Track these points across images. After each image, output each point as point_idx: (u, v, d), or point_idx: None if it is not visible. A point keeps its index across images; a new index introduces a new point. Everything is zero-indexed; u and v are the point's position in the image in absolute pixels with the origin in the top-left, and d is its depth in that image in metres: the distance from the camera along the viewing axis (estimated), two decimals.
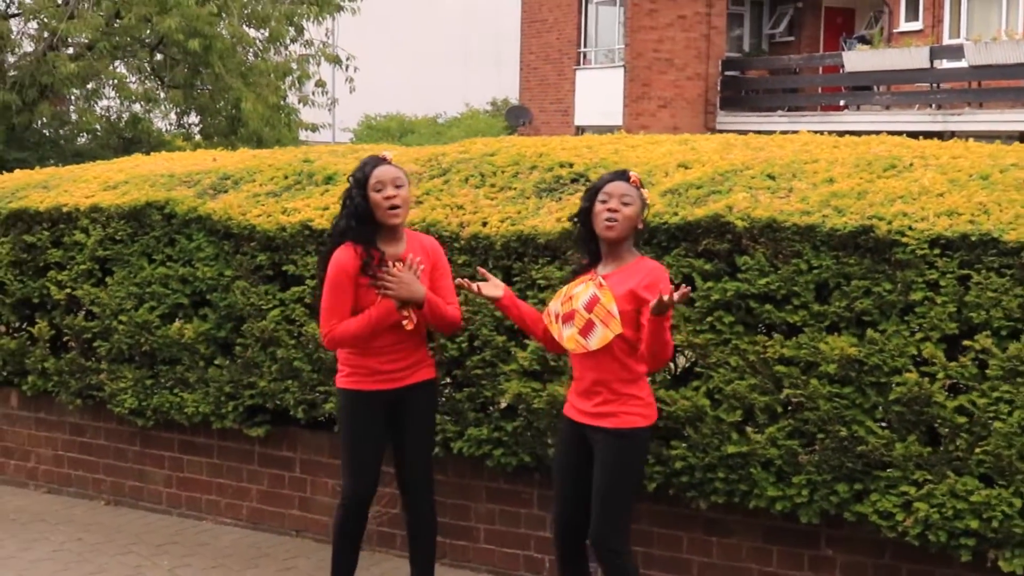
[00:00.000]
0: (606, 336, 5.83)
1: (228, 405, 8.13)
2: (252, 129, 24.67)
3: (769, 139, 7.68)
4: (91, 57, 23.80)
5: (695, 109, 36.19)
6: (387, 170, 6.42)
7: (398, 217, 6.39)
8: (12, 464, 9.50)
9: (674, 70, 36.06)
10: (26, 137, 24.38)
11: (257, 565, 7.73)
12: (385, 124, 48.67)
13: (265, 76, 25.84)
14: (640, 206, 5.95)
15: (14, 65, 24.27)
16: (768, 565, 6.78)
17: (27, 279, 8.89)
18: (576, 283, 6.01)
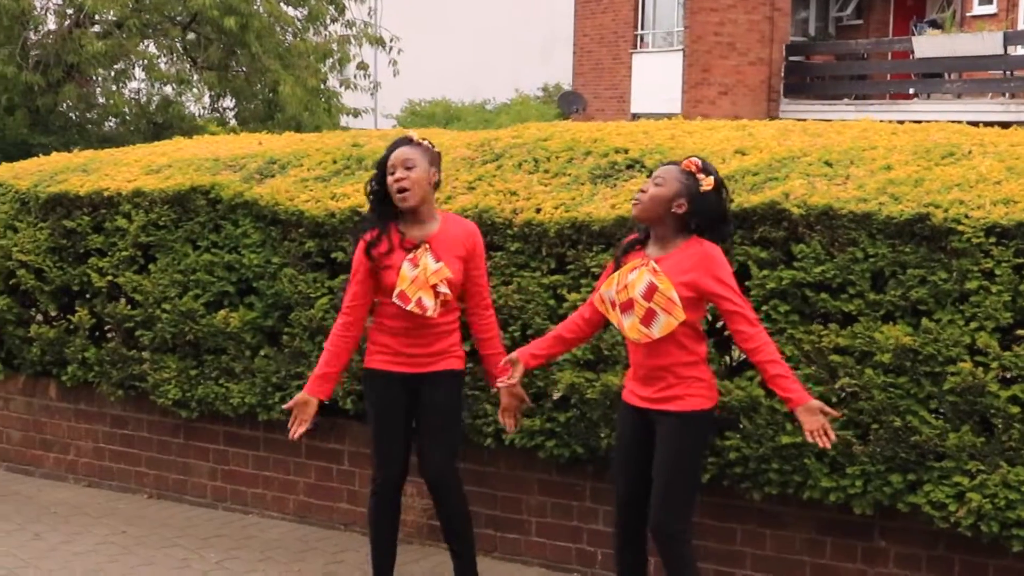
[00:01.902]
0: (670, 323, 6.30)
1: (275, 396, 8.68)
2: (290, 114, 25.10)
3: (828, 125, 8.19)
4: (119, 35, 24.33)
5: (757, 96, 36.46)
6: (400, 151, 6.91)
7: (407, 200, 6.87)
8: (51, 457, 10.11)
9: (736, 54, 36.35)
10: (51, 121, 24.92)
11: (304, 559, 8.29)
12: (430, 110, 49.16)
13: (304, 58, 26.26)
14: (677, 189, 6.36)
15: (37, 43, 24.79)
16: (821, 557, 7.28)
17: (67, 266, 9.49)
18: (629, 268, 6.45)
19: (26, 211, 9.71)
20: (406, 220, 6.97)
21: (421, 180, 6.90)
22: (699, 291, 6.33)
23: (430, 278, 6.85)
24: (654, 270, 6.34)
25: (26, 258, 9.63)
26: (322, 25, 27.36)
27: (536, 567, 8.09)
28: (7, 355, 10.16)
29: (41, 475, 10.15)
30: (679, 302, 6.28)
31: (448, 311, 7.03)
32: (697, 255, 6.37)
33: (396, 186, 6.86)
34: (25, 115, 24.14)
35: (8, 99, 24.07)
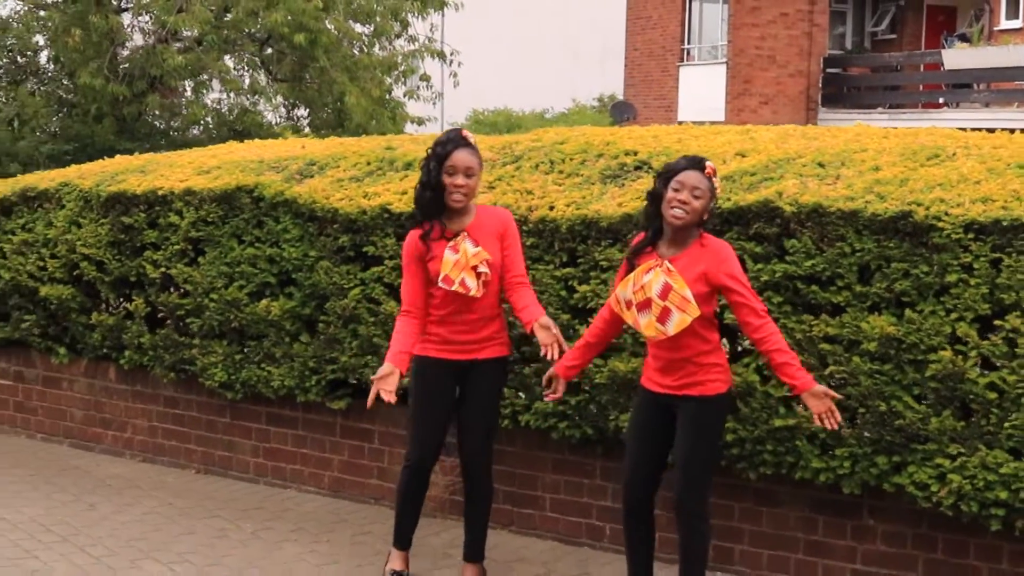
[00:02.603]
0: (684, 320, 6.23)
1: (312, 379, 8.66)
2: (357, 122, 25.19)
3: (824, 129, 8.11)
4: (199, 51, 24.49)
5: (796, 106, 36.31)
6: (463, 157, 6.83)
7: (459, 203, 6.85)
8: (110, 434, 10.11)
9: (776, 67, 36.20)
10: (136, 128, 25.08)
11: (334, 530, 8.25)
12: (492, 119, 49.20)
13: (369, 70, 26.36)
14: (710, 198, 6.31)
15: (127, 58, 25.00)
16: (814, 534, 7.18)
17: (125, 258, 9.49)
18: (644, 269, 6.36)
19: (89, 208, 9.71)
20: (449, 212, 6.92)
21: (476, 187, 6.94)
22: (711, 285, 6.28)
23: (471, 260, 6.82)
24: (668, 270, 6.27)
25: (88, 251, 9.64)
26: (387, 40, 27.39)
27: (550, 540, 8.02)
28: (71, 340, 10.17)
29: (100, 451, 10.16)
30: (693, 299, 6.22)
31: (490, 295, 6.95)
32: (709, 251, 6.31)
33: (456, 191, 6.82)
34: (112, 123, 24.31)
35: (97, 108, 24.27)
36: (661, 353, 6.44)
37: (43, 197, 10.09)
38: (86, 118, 24.44)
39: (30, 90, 24.49)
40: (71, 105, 25.17)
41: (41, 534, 8.11)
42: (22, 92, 23.92)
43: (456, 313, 6.93)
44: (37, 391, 10.55)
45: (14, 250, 10.17)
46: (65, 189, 9.94)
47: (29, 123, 23.63)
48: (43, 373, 10.47)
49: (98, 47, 23.71)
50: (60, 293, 9.87)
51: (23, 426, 10.69)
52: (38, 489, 9.12)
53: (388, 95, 27.60)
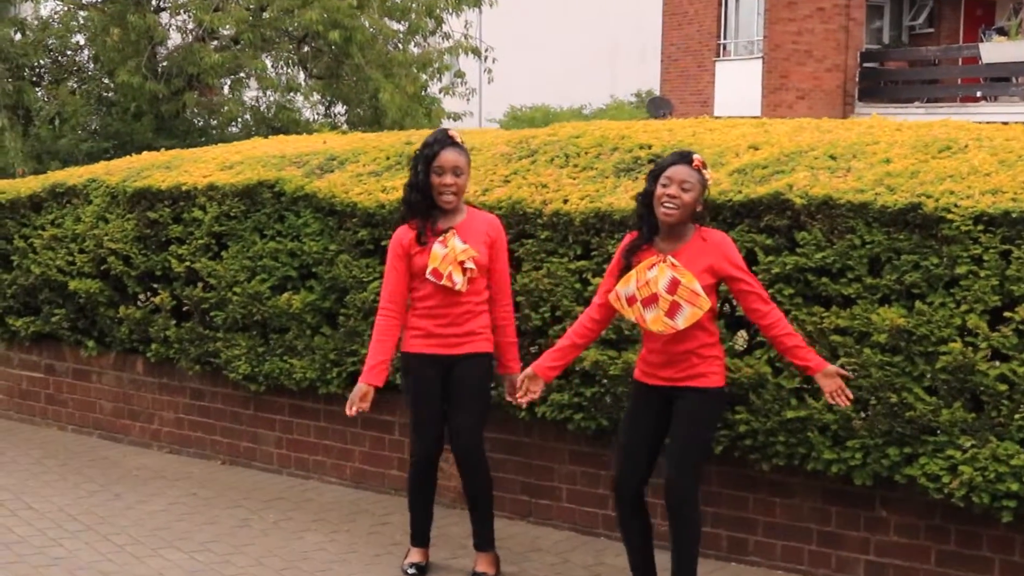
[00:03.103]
0: (695, 314, 6.23)
1: (333, 371, 8.66)
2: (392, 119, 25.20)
3: (839, 122, 8.04)
4: (236, 49, 24.55)
5: (833, 100, 36.08)
6: (451, 156, 6.91)
7: (450, 203, 6.92)
8: (137, 426, 10.15)
9: (812, 61, 35.96)
10: (175, 126, 25.15)
11: (354, 520, 8.26)
12: (530, 115, 49.11)
13: (404, 67, 26.36)
14: (700, 190, 6.30)
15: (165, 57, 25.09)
16: (827, 525, 7.13)
17: (150, 253, 9.52)
18: (646, 265, 6.34)
19: (116, 204, 9.76)
20: (439, 211, 6.99)
21: (465, 185, 7.03)
22: (717, 276, 6.29)
23: (459, 255, 6.88)
24: (673, 265, 6.26)
25: (116, 246, 9.69)
26: (423, 37, 27.38)
27: (566, 531, 8.01)
28: (99, 334, 10.21)
29: (128, 442, 10.21)
30: (702, 292, 6.21)
31: (475, 291, 7.02)
32: (710, 244, 6.33)
33: (445, 190, 6.90)
34: (151, 121, 24.34)
35: (136, 106, 24.31)
36: (664, 347, 6.41)
37: (71, 193, 10.14)
38: (125, 116, 24.47)
39: (70, 89, 24.55)
40: (110, 103, 25.20)
41: (67, 523, 8.16)
42: (63, 91, 23.98)
43: (440, 306, 6.99)
44: (67, 384, 10.61)
45: (44, 245, 10.23)
46: (92, 185, 9.99)
47: (69, 121, 23.68)
48: (73, 366, 10.53)
49: (136, 46, 23.74)
50: (88, 287, 9.92)
51: (54, 418, 10.75)
52: (66, 479, 9.18)
53: (423, 92, 27.56)
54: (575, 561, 7.52)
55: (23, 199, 10.46)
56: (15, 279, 10.53)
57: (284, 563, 7.48)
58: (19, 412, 11.03)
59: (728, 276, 6.29)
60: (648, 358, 6.54)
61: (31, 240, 10.38)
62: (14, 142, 20.49)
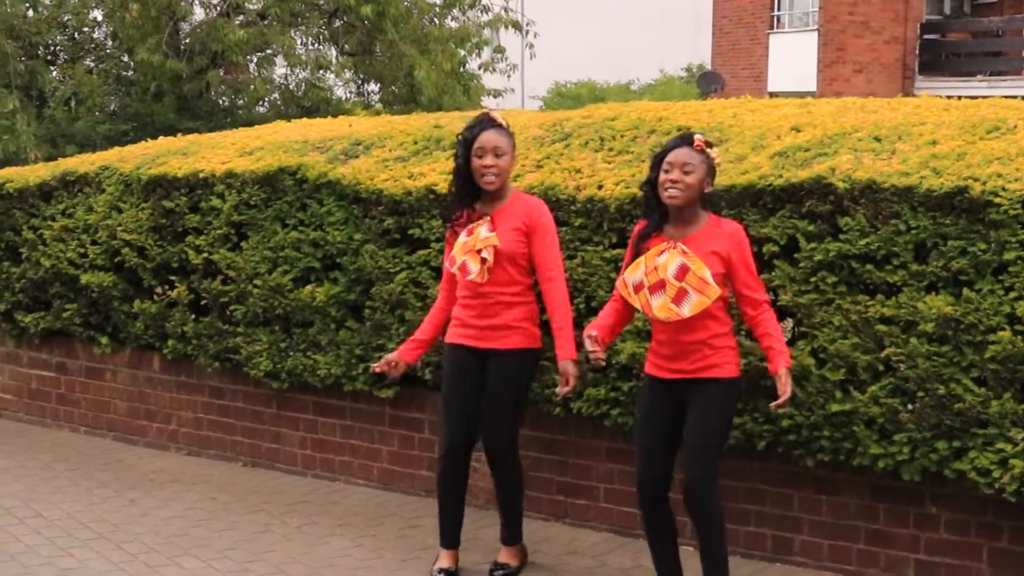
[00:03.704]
0: (702, 302, 6.48)
1: (358, 367, 8.92)
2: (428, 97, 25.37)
3: (884, 102, 8.24)
4: (263, 25, 24.79)
5: (892, 74, 36.07)
6: (490, 137, 7.20)
7: (492, 184, 7.20)
8: (154, 427, 10.45)
9: (870, 33, 35.99)
10: (198, 106, 25.44)
11: (382, 523, 8.52)
12: (575, 91, 49.24)
13: (441, 43, 26.53)
14: (705, 171, 6.58)
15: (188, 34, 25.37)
16: (875, 522, 7.35)
17: (166, 244, 9.81)
18: (656, 251, 6.62)
19: (129, 192, 10.05)
20: (484, 196, 7.30)
21: (508, 167, 7.29)
22: (728, 266, 6.54)
23: (477, 244, 7.16)
24: (683, 251, 6.52)
25: (130, 237, 9.97)
26: (460, 11, 27.58)
27: (604, 532, 8.25)
28: (113, 330, 10.50)
29: (144, 444, 10.50)
30: (712, 280, 6.46)
31: (504, 282, 7.25)
32: (726, 233, 6.60)
33: (485, 172, 7.19)
34: (173, 101, 24.65)
35: (157, 86, 24.62)
36: (673, 337, 6.66)
37: (83, 181, 10.45)
38: (145, 96, 24.82)
39: (87, 68, 24.86)
40: (129, 83, 25.56)
41: (78, 531, 8.41)
42: (79, 70, 24.29)
43: (469, 296, 7.30)
44: (80, 383, 10.92)
45: (54, 236, 10.53)
46: (105, 173, 10.29)
47: (86, 103, 24.00)
48: (86, 364, 10.83)
49: (157, 22, 24.05)
50: (101, 280, 10.22)
51: (66, 419, 11.06)
52: (78, 485, 9.45)
53: (461, 68, 27.75)
54: (612, 564, 7.77)
55: (32, 188, 10.76)
56: (24, 272, 10.84)
57: (307, 570, 7.73)
58: (29, 413, 11.35)
59: (734, 271, 6.56)
60: (659, 350, 6.79)
61: (40, 231, 10.68)
62: (26, 125, 20.78)
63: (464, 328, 7.35)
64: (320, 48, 26.97)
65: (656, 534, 6.97)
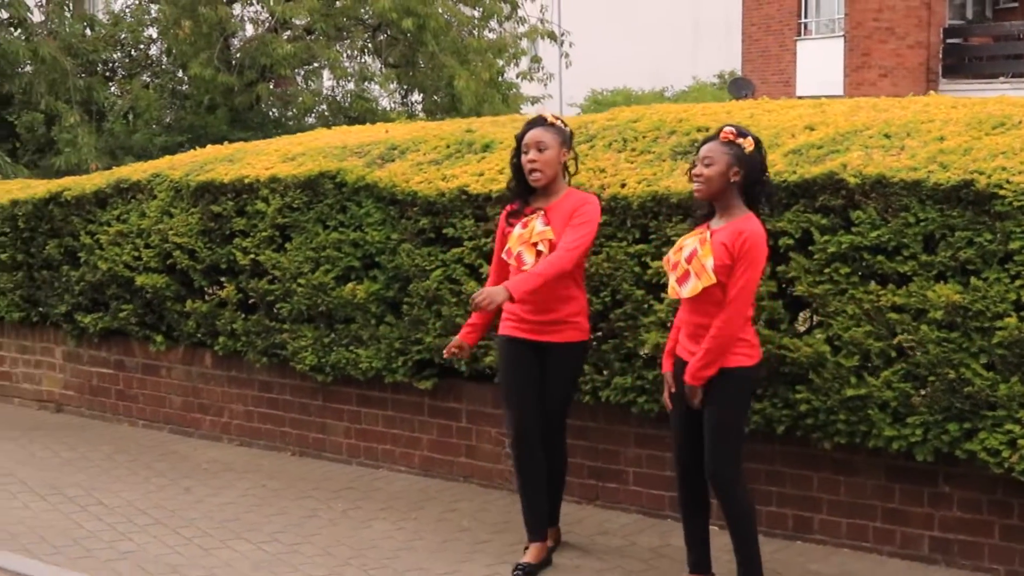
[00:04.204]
0: (696, 287, 6.45)
1: (398, 360, 8.94)
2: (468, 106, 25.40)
3: (895, 101, 8.19)
4: (309, 40, 24.87)
5: (916, 78, 35.86)
6: (533, 133, 7.18)
7: (538, 180, 7.15)
8: (208, 420, 10.49)
9: (895, 39, 35.77)
10: (249, 118, 25.52)
11: (422, 507, 8.53)
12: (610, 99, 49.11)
13: (480, 54, 26.55)
14: (729, 162, 6.46)
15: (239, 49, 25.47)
16: (891, 502, 7.31)
17: (215, 246, 9.84)
18: (690, 235, 6.65)
19: (179, 198, 10.08)
20: (536, 193, 7.27)
21: (552, 161, 7.18)
22: (734, 262, 6.41)
23: (533, 237, 7.09)
24: (703, 239, 6.49)
25: (181, 240, 10.01)
26: (497, 22, 27.61)
27: (634, 514, 8.23)
28: (167, 328, 10.53)
29: (199, 436, 10.55)
30: (710, 270, 6.39)
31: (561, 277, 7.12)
32: (742, 231, 6.44)
33: (528, 167, 7.16)
34: (226, 114, 24.73)
35: (210, 99, 24.73)
36: (687, 317, 6.64)
37: (136, 188, 10.48)
38: (199, 109, 24.92)
39: (143, 83, 24.99)
40: (184, 97, 25.67)
41: (136, 517, 8.46)
42: (136, 85, 24.42)
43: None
44: (137, 379, 10.96)
45: (110, 241, 10.57)
46: (156, 180, 10.32)
47: (143, 116, 24.14)
48: (142, 361, 10.88)
49: (208, 38, 24.16)
50: (155, 282, 10.26)
51: (125, 414, 11.11)
52: (137, 474, 9.50)
53: (499, 77, 27.77)
54: (641, 543, 7.74)
55: (88, 195, 10.82)
56: (82, 276, 10.89)
57: (351, 552, 7.73)
58: (91, 409, 11.40)
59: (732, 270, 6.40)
60: (683, 330, 6.74)
61: (97, 236, 10.73)
62: (86, 138, 20.90)
63: (520, 323, 7.24)
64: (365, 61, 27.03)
65: (689, 513, 6.92)
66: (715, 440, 6.55)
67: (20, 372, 11.99)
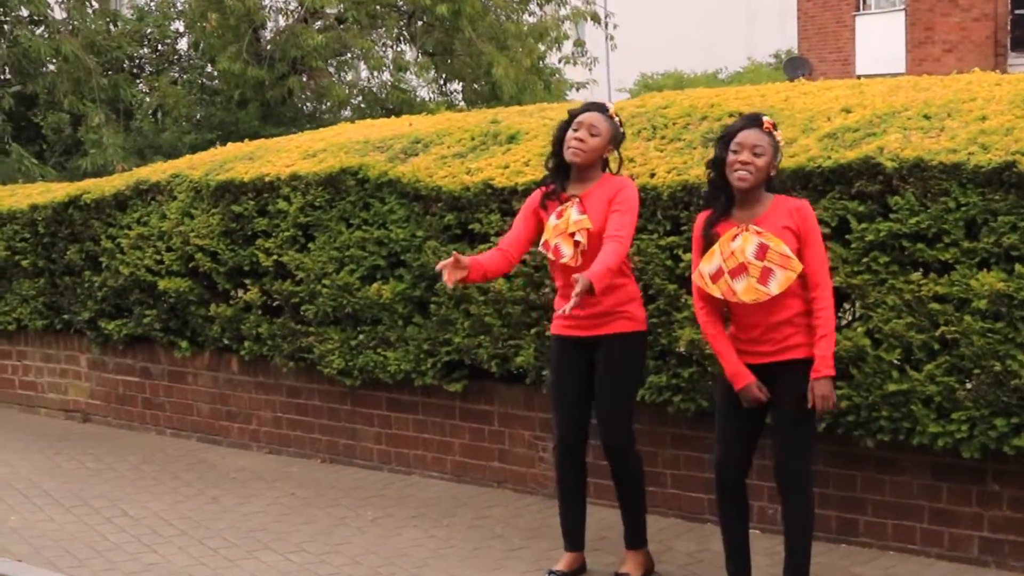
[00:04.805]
0: (788, 278, 6.32)
1: (427, 362, 8.94)
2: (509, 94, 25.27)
3: (937, 79, 8.11)
4: (340, 29, 24.83)
5: (983, 52, 35.53)
6: (591, 115, 7.05)
7: (576, 156, 6.99)
8: (236, 427, 10.52)
9: (959, 11, 35.44)
10: (282, 112, 25.50)
11: (454, 515, 8.51)
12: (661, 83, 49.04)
13: (519, 39, 26.42)
14: (773, 153, 6.42)
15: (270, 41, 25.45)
16: (938, 501, 7.24)
17: (237, 248, 9.86)
18: (728, 237, 6.46)
19: (200, 199, 10.11)
20: (573, 177, 7.13)
21: (597, 148, 7.05)
22: (800, 242, 6.35)
23: (570, 227, 6.97)
24: (757, 232, 6.37)
25: (202, 242, 10.04)
26: (537, 5, 27.49)
27: (672, 517, 8.20)
28: (192, 333, 10.56)
29: (228, 444, 10.59)
30: (793, 255, 6.30)
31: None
32: (794, 209, 6.40)
33: (573, 143, 7.00)
34: (257, 109, 24.70)
35: (240, 94, 24.68)
36: (759, 319, 6.49)
37: (155, 189, 10.52)
38: (229, 105, 24.90)
39: (171, 79, 25.01)
40: (213, 92, 25.68)
41: (162, 528, 8.49)
42: (163, 82, 24.44)
43: (567, 286, 6.90)
44: (164, 387, 11.01)
45: (131, 244, 10.61)
46: (176, 180, 10.36)
47: (171, 114, 24.16)
48: (168, 368, 10.91)
49: (236, 30, 24.13)
50: (178, 286, 10.29)
51: (152, 423, 11.16)
52: (163, 484, 9.54)
53: (541, 63, 27.64)
54: (678, 548, 7.71)
55: (108, 198, 10.86)
56: (105, 281, 10.93)
57: (381, 560, 7.73)
58: (117, 418, 11.46)
59: (803, 243, 6.35)
60: (740, 336, 6.61)
61: (118, 240, 10.76)
62: (112, 138, 20.94)
63: (566, 319, 7.11)
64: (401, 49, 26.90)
65: (728, 517, 6.85)
66: (792, 436, 6.50)
67: (46, 382, 12.05)
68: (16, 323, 12.05)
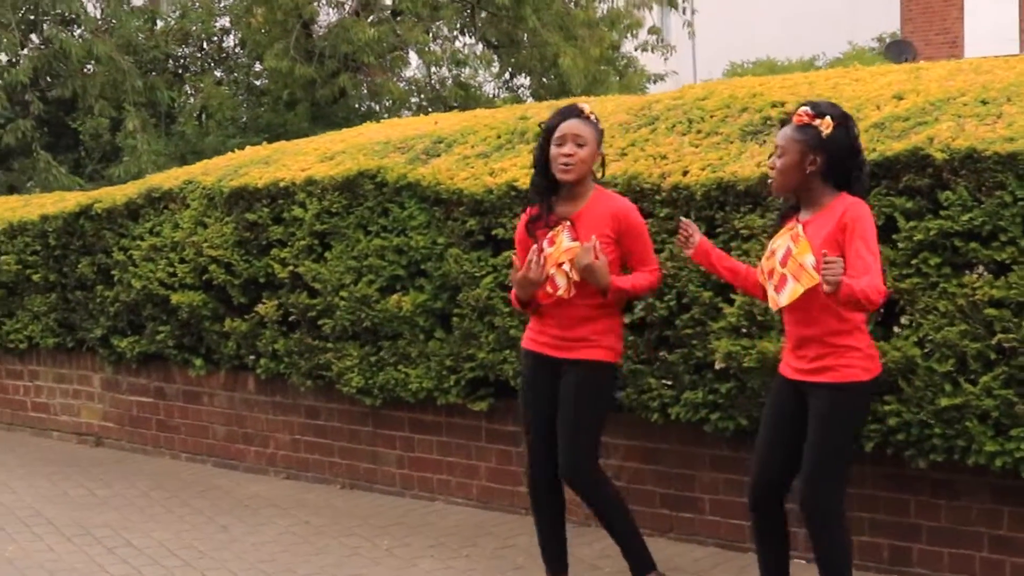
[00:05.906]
0: (795, 291, 6.11)
1: (450, 379, 8.78)
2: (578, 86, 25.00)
3: (1001, 61, 7.86)
4: (395, 22, 24.67)
5: None
6: (572, 125, 6.86)
7: (568, 174, 6.82)
8: (252, 451, 10.42)
9: None
10: (334, 112, 25.37)
11: (476, 544, 8.35)
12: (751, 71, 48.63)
13: (589, 27, 26.13)
14: (801, 149, 6.12)
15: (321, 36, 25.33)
16: (999, 528, 6.99)
17: (252, 258, 9.76)
18: (779, 235, 6.31)
19: (213, 206, 10.03)
20: (560, 194, 6.96)
21: (588, 159, 6.90)
22: (840, 247, 6.05)
23: (560, 256, 6.81)
24: (796, 235, 6.16)
25: (216, 253, 9.94)
26: None
27: (711, 546, 8.01)
28: (206, 350, 10.48)
29: (244, 468, 10.51)
30: (810, 268, 6.04)
31: (591, 294, 6.86)
32: (841, 211, 6.09)
33: (562, 160, 6.84)
34: (306, 109, 24.56)
35: (289, 94, 24.53)
36: (793, 329, 6.31)
37: (168, 197, 10.45)
38: (277, 105, 24.78)
39: (216, 80, 24.93)
40: (260, 92, 25.59)
41: (165, 559, 8.37)
42: (207, 82, 24.38)
43: (554, 306, 6.92)
44: (178, 408, 10.93)
45: (143, 256, 10.54)
46: (189, 187, 10.29)
47: (215, 116, 24.08)
48: (183, 388, 10.84)
49: (284, 26, 23.99)
50: (191, 300, 10.21)
51: (167, 446, 11.09)
52: (172, 512, 9.45)
53: (614, 52, 27.36)
54: None
55: (119, 207, 10.81)
56: (117, 295, 10.87)
57: None
58: (131, 441, 11.41)
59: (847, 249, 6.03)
60: (785, 344, 6.45)
61: (130, 252, 10.70)
62: (150, 143, 20.90)
63: (539, 335, 7.04)
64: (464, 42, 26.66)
65: (762, 541, 6.67)
66: (814, 464, 6.22)
67: (58, 403, 12.02)
68: (27, 341, 12.02)
